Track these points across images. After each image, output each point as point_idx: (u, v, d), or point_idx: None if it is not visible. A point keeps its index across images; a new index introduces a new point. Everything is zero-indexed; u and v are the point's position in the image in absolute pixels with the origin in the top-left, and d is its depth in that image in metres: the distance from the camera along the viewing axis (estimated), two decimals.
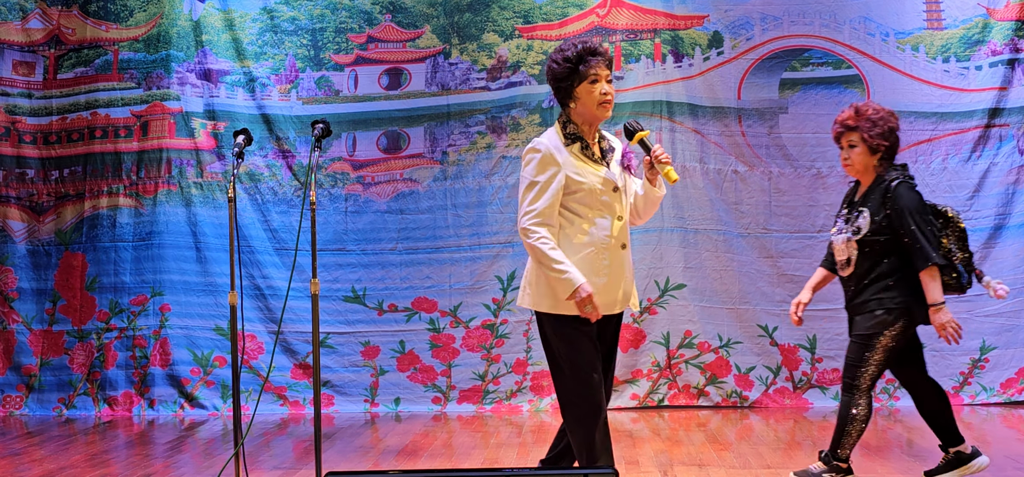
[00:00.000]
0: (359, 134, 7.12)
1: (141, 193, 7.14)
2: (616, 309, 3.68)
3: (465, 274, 6.98)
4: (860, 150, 4.26)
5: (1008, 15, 6.80)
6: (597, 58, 3.56)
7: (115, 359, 7.05)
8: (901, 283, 4.21)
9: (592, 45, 3.61)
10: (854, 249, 4.27)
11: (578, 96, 3.59)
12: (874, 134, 4.23)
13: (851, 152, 4.29)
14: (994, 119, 6.79)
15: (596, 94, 3.56)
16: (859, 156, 4.28)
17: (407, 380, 7.02)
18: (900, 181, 4.22)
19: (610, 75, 3.62)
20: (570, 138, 3.60)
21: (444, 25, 7.07)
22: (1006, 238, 6.76)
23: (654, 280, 6.90)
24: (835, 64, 6.89)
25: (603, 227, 3.59)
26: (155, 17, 7.17)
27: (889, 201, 4.20)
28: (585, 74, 3.56)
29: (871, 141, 4.24)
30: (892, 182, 4.22)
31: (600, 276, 3.58)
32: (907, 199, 4.18)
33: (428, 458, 5.39)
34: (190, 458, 5.59)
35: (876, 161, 4.28)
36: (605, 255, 3.60)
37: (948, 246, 4.27)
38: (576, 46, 3.60)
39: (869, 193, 4.29)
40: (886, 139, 4.26)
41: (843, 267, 4.35)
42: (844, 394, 4.34)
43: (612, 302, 3.65)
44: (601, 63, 3.57)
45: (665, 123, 6.92)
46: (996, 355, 6.71)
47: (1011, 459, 5.11)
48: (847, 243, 4.30)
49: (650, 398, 6.86)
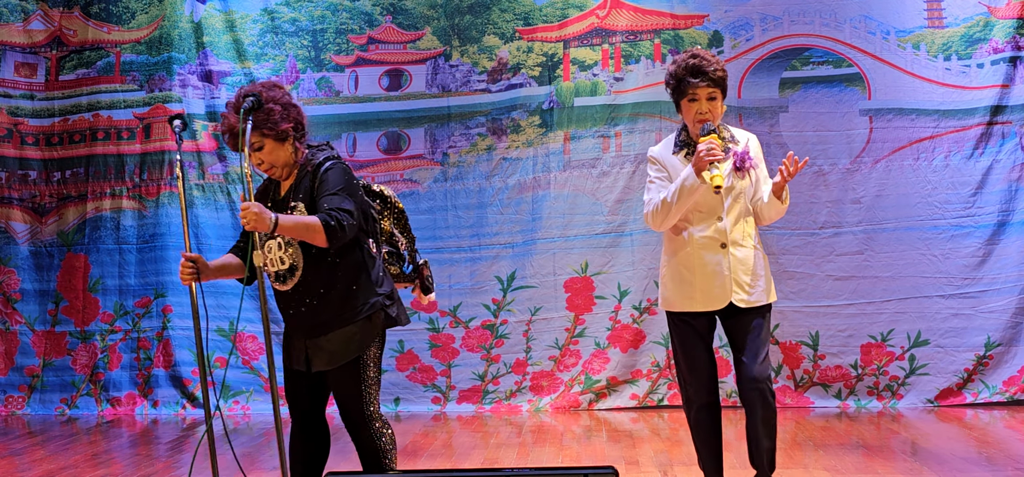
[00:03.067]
0: (359, 135, 7.13)
1: (144, 195, 7.17)
2: (720, 304, 3.78)
3: (465, 274, 6.99)
4: (269, 148, 3.47)
5: (1010, 13, 6.77)
6: (698, 79, 3.73)
7: (119, 361, 7.08)
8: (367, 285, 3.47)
9: (696, 65, 3.76)
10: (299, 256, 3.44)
11: (681, 109, 3.84)
12: (274, 122, 3.45)
13: (260, 155, 3.49)
14: (996, 116, 6.77)
15: (693, 112, 3.79)
16: (270, 155, 3.49)
17: (407, 380, 7.03)
18: (332, 160, 3.48)
19: (712, 93, 3.76)
20: (679, 146, 3.86)
21: (444, 27, 7.08)
22: (1009, 235, 6.73)
23: (654, 280, 6.89)
24: (836, 63, 6.87)
25: (701, 228, 3.79)
26: (157, 19, 7.20)
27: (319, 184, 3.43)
28: (685, 92, 3.77)
29: (277, 130, 3.45)
30: (323, 164, 3.46)
31: (696, 275, 3.78)
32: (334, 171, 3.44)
33: (428, 458, 5.40)
34: (190, 458, 5.61)
35: (291, 148, 3.50)
36: (702, 254, 3.77)
37: (390, 229, 3.69)
38: (683, 64, 3.77)
39: (297, 185, 3.51)
40: (286, 120, 3.46)
41: (284, 280, 3.48)
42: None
43: (714, 298, 3.78)
44: (701, 83, 3.74)
45: (665, 123, 6.92)
46: (1000, 352, 6.69)
47: (1012, 459, 5.09)
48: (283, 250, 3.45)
49: (650, 398, 6.85)
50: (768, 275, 3.89)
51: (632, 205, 6.91)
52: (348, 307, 3.43)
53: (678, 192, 3.72)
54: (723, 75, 3.79)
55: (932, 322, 6.72)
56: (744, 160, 3.79)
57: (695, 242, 3.79)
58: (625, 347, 6.88)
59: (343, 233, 3.33)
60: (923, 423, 6.18)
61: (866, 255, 6.78)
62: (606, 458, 5.28)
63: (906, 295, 6.74)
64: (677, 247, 3.84)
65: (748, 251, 3.81)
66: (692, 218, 3.80)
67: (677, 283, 3.83)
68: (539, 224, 6.97)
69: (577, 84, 7.01)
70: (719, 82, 3.77)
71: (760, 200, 3.84)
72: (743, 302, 3.78)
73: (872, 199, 6.79)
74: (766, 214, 3.84)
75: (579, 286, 6.96)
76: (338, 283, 3.43)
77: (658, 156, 3.90)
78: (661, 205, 3.78)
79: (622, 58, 7.00)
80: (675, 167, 3.82)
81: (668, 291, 3.87)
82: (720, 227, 3.79)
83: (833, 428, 6.02)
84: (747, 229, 3.83)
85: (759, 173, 3.87)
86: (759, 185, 3.86)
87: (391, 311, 3.51)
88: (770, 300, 3.86)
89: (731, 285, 3.77)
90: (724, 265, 3.77)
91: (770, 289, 3.87)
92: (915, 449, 5.44)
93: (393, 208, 3.70)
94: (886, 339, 6.76)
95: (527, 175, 7.01)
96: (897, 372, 6.76)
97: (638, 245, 6.91)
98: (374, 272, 3.50)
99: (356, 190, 3.47)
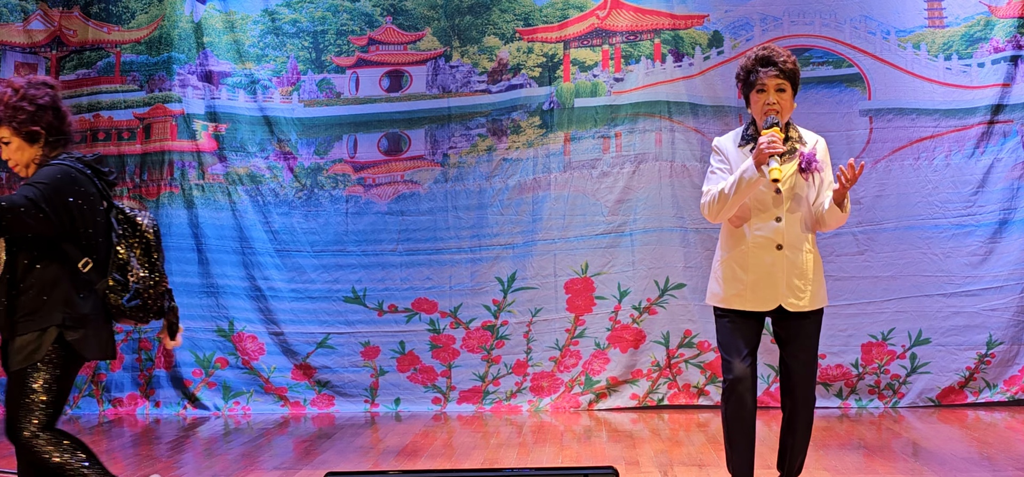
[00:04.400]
0: (360, 136, 7.14)
1: (144, 196, 7.17)
2: (769, 306, 3.72)
3: (465, 275, 6.99)
4: (16, 146, 3.36)
5: (1010, 12, 6.77)
6: (767, 68, 3.66)
7: (121, 362, 7.09)
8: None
9: (766, 55, 3.70)
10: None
11: (751, 102, 3.76)
12: (22, 120, 3.33)
13: (4, 149, 3.39)
14: (997, 115, 6.76)
15: (761, 103, 3.70)
16: (16, 153, 3.36)
17: (407, 381, 7.03)
18: (58, 164, 3.32)
19: (781, 84, 3.67)
20: (745, 139, 3.77)
21: (445, 27, 7.08)
22: (1010, 233, 6.73)
23: (654, 280, 6.89)
24: (836, 63, 6.87)
25: (758, 226, 3.71)
26: (157, 19, 7.20)
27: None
28: (754, 83, 3.70)
29: (23, 129, 3.34)
30: (45, 165, 3.34)
31: (749, 273, 3.71)
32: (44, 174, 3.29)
33: (428, 458, 5.40)
34: (192, 457, 5.61)
35: (41, 150, 3.37)
36: (757, 254, 3.70)
37: (126, 256, 3.45)
38: (753, 56, 3.72)
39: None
40: (37, 121, 3.33)
41: None
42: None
43: (764, 299, 3.71)
44: (771, 72, 3.66)
45: (665, 123, 6.92)
46: (1001, 351, 6.68)
47: (1013, 459, 5.08)
48: None
49: (650, 398, 6.85)
50: (821, 280, 3.80)
51: (632, 205, 6.91)
52: (32, 316, 3.29)
53: (736, 184, 3.63)
54: (794, 68, 3.71)
55: (933, 321, 6.72)
56: (810, 162, 3.70)
57: (751, 240, 3.72)
58: (625, 347, 6.88)
59: (11, 216, 3.17)
60: (924, 423, 6.17)
61: (867, 255, 6.77)
62: (606, 458, 5.28)
63: (907, 294, 6.74)
64: (733, 243, 3.76)
65: (804, 255, 3.72)
66: (750, 215, 3.72)
67: (729, 280, 3.75)
68: (539, 225, 6.97)
69: (577, 85, 7.01)
70: (789, 74, 3.69)
71: (821, 206, 3.75)
72: (794, 307, 3.71)
73: (873, 199, 6.79)
74: (827, 221, 3.74)
75: (579, 287, 6.96)
76: (31, 289, 3.29)
77: (722, 147, 3.81)
78: (718, 196, 3.69)
79: (622, 59, 7.00)
80: (738, 160, 3.73)
81: (719, 286, 3.78)
82: (778, 227, 3.70)
83: (834, 428, 6.02)
84: (805, 233, 3.74)
85: (825, 177, 3.76)
86: (822, 190, 3.76)
87: (71, 334, 3.29)
88: (822, 306, 3.78)
89: (783, 288, 3.69)
90: (778, 267, 3.69)
91: (823, 295, 3.80)
92: (916, 449, 5.44)
93: (141, 238, 3.49)
94: (887, 338, 6.76)
95: (527, 176, 7.01)
96: (898, 371, 6.75)
97: (638, 246, 6.91)
98: (71, 291, 3.30)
99: (57, 192, 3.25)
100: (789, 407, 3.79)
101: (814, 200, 3.76)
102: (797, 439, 3.77)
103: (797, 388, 3.75)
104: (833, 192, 3.70)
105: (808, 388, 3.75)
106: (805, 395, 3.75)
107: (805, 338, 3.74)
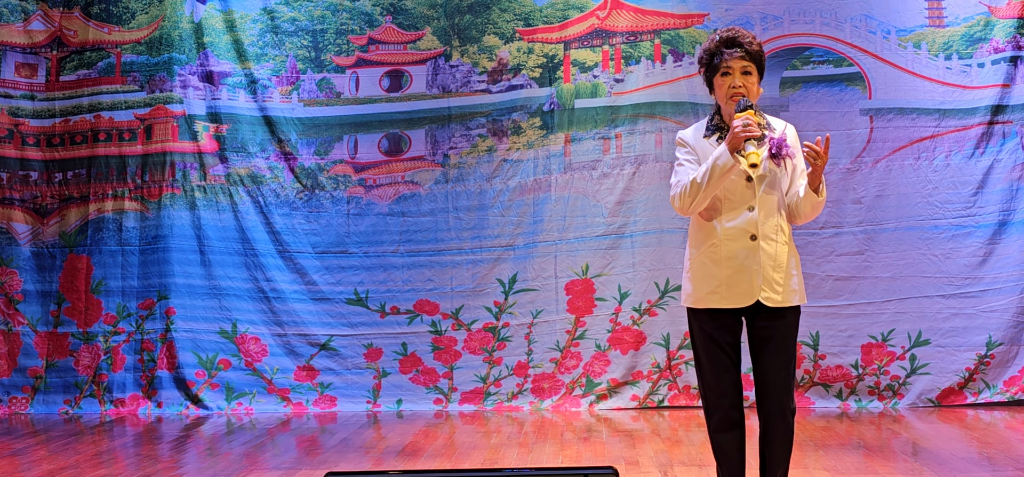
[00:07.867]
0: (360, 136, 7.14)
1: (146, 197, 7.17)
2: (746, 301, 3.48)
3: (466, 277, 6.99)
4: None
5: (1010, 13, 6.77)
6: (732, 49, 3.47)
7: (123, 362, 7.09)
8: None
9: (730, 36, 3.49)
10: None
11: (714, 87, 3.56)
12: None
13: None
14: (997, 116, 6.77)
15: (726, 87, 3.50)
16: None
17: (409, 382, 7.04)
18: None
19: (746, 67, 3.48)
20: (710, 130, 3.58)
21: (445, 27, 7.08)
22: (1010, 234, 6.74)
23: (654, 281, 6.90)
24: (836, 62, 6.87)
25: (730, 218, 3.50)
26: (157, 19, 7.20)
27: None
28: (718, 66, 3.51)
29: None
30: None
31: (722, 268, 3.49)
32: None
33: (429, 457, 5.40)
34: (193, 456, 5.62)
35: None
36: (730, 246, 3.49)
37: None
38: (716, 38, 3.53)
39: None
40: None
41: None
42: None
43: (740, 294, 3.48)
44: (735, 54, 3.47)
45: (665, 124, 6.92)
46: (1001, 352, 6.69)
47: (1013, 460, 5.09)
48: None
49: (650, 399, 6.86)
50: (800, 276, 3.56)
51: (632, 207, 6.92)
52: None
53: (710, 172, 3.41)
54: (760, 50, 3.50)
55: (933, 322, 6.72)
56: (781, 147, 3.50)
57: (723, 232, 3.49)
58: (626, 349, 6.89)
59: None
60: (924, 424, 6.18)
61: (867, 255, 6.78)
62: (606, 457, 5.29)
63: (907, 295, 6.74)
64: (703, 238, 3.54)
65: (780, 247, 3.49)
66: (721, 207, 3.50)
67: (702, 277, 3.53)
68: (540, 226, 6.98)
69: (578, 86, 7.01)
70: (755, 56, 3.47)
71: (796, 194, 3.52)
72: (771, 301, 3.47)
73: (873, 199, 6.79)
74: (803, 209, 3.51)
75: (580, 288, 6.97)
76: None
77: (686, 138, 3.60)
78: (690, 186, 3.47)
79: (622, 59, 7.00)
80: (706, 152, 3.52)
81: (691, 285, 3.55)
82: (751, 217, 3.48)
83: (834, 428, 6.02)
84: (780, 223, 3.51)
85: (797, 164, 3.55)
86: (795, 178, 3.54)
87: None
88: (800, 303, 3.55)
89: (759, 282, 3.46)
90: (753, 259, 3.47)
91: (801, 291, 3.56)
92: (916, 450, 5.44)
93: None
94: (887, 339, 6.77)
95: (528, 177, 7.01)
96: (898, 372, 6.76)
97: (638, 247, 6.91)
98: None
99: None
100: (764, 417, 3.51)
101: (788, 188, 3.53)
102: (776, 450, 3.51)
103: (772, 394, 3.47)
104: (808, 176, 3.49)
105: (785, 395, 3.47)
106: (781, 403, 3.47)
107: (781, 338, 3.49)
